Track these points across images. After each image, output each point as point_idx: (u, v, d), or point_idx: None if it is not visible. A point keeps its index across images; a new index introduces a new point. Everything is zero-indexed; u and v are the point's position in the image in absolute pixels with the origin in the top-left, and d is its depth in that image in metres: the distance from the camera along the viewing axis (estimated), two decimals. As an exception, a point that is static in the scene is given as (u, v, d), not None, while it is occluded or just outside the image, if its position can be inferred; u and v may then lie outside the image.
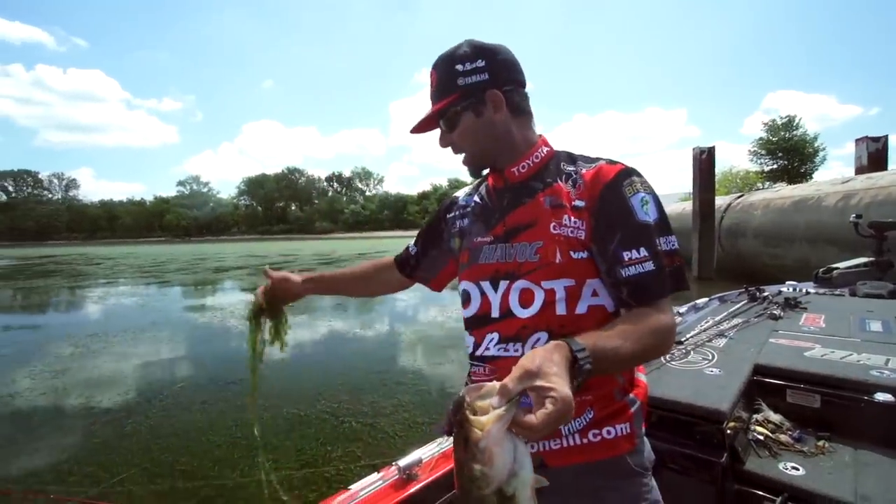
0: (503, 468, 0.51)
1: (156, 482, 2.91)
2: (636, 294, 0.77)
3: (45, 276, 20.42)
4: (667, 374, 1.49)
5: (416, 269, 1.15)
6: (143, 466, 3.11)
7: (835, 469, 1.20)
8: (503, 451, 0.51)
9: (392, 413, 3.86)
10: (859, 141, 11.35)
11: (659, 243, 0.79)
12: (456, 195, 1.08)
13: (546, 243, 0.83)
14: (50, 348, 6.65)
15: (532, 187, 0.89)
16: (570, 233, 0.82)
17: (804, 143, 29.95)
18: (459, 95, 0.86)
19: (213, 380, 4.96)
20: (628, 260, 0.77)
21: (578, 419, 0.83)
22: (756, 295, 2.51)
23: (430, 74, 0.91)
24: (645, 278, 0.77)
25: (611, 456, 0.83)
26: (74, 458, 3.31)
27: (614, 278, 0.79)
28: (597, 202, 0.82)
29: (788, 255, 8.82)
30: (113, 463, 3.19)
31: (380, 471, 1.37)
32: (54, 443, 3.60)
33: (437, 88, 0.89)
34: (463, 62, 0.86)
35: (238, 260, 26.60)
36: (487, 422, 0.51)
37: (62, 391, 4.75)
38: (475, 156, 0.92)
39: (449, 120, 0.89)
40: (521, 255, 0.86)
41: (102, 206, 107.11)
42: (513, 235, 0.88)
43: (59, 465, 3.19)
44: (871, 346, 1.62)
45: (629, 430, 0.84)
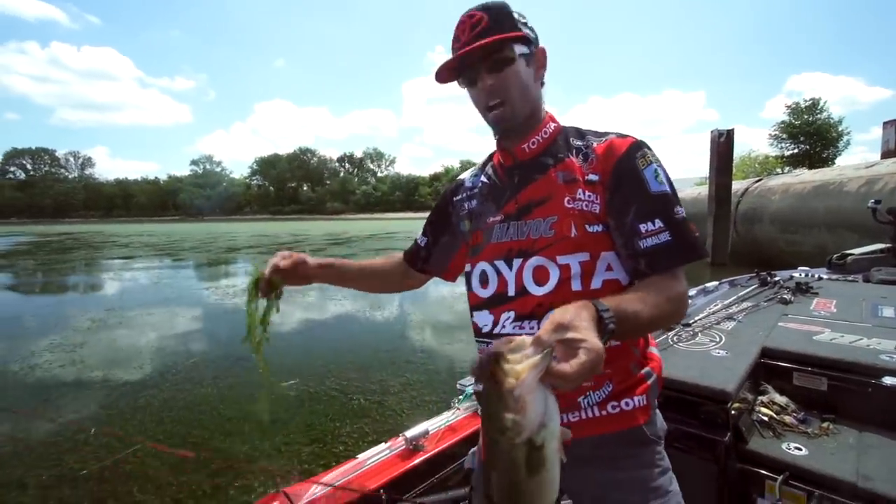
0: (535, 418, 0.51)
1: (168, 453, 2.99)
2: (654, 264, 0.77)
3: (63, 252, 20.89)
4: (674, 354, 1.51)
5: (428, 260, 1.11)
6: (156, 437, 3.20)
7: (838, 450, 1.21)
8: (535, 400, 0.51)
9: (400, 391, 3.90)
10: (887, 124, 10.95)
11: (674, 213, 0.79)
12: (461, 177, 1.06)
13: (561, 218, 0.83)
14: (69, 322, 6.84)
15: (543, 163, 0.88)
16: (585, 206, 0.82)
17: (828, 126, 29.01)
18: (522, 36, 0.83)
19: (224, 355, 5.05)
20: (645, 232, 0.78)
21: (598, 392, 0.84)
22: (767, 280, 2.49)
23: (472, 16, 0.83)
24: (662, 249, 0.77)
25: (628, 427, 0.85)
26: (90, 428, 3.42)
27: (632, 250, 0.79)
28: (611, 176, 0.82)
29: (806, 241, 8.62)
30: (127, 434, 3.28)
31: (387, 441, 1.40)
32: (71, 413, 3.72)
33: (494, 25, 0.81)
34: (517, 14, 0.85)
35: (250, 239, 26.88)
36: (523, 370, 0.51)
37: (80, 363, 4.89)
38: (515, 107, 0.85)
39: (500, 61, 0.82)
40: (534, 231, 0.85)
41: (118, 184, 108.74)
42: (526, 213, 0.87)
43: (76, 435, 3.29)
44: (883, 331, 1.62)
45: (645, 402, 0.86)
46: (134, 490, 2.58)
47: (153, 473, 2.72)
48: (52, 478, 2.73)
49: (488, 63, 0.82)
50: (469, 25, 0.82)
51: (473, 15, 0.83)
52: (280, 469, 2.80)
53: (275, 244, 22.56)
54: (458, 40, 0.84)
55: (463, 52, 0.81)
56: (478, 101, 0.88)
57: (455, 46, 0.85)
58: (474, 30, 0.82)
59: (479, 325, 0.94)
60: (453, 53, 0.85)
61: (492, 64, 0.82)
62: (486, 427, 0.55)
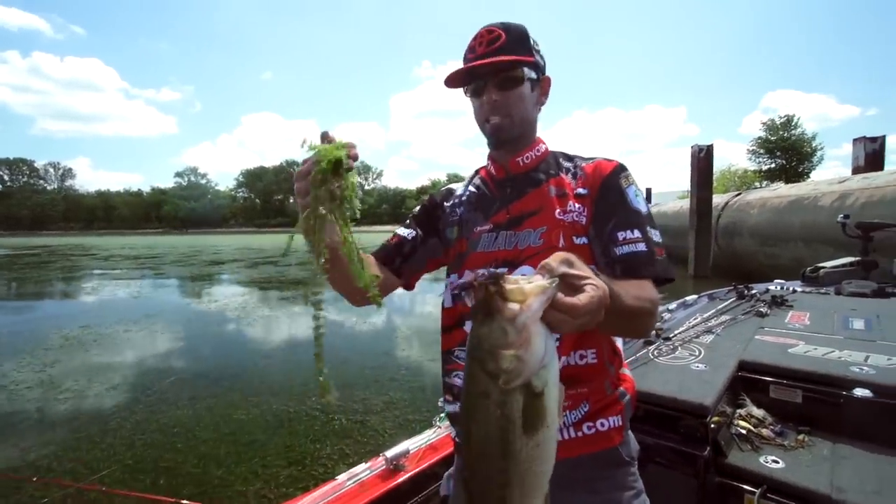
0: (538, 354, 0.42)
1: (138, 478, 2.87)
2: (629, 270, 0.80)
3: (39, 266, 20.29)
4: (654, 369, 1.53)
5: (410, 258, 1.00)
6: (125, 463, 3.07)
7: (813, 462, 1.23)
8: (539, 333, 0.43)
9: (383, 410, 3.83)
10: (857, 141, 11.33)
11: (650, 232, 0.84)
12: (451, 186, 1.08)
13: (550, 228, 0.87)
14: (40, 340, 6.59)
15: (536, 178, 0.93)
16: (575, 217, 0.87)
17: (802, 142, 29.99)
18: (533, 62, 0.89)
19: (202, 374, 4.92)
20: (623, 239, 0.82)
21: (574, 411, 0.85)
22: (744, 293, 2.54)
23: (491, 31, 0.87)
24: (638, 256, 0.81)
25: (604, 448, 0.87)
26: (55, 453, 3.27)
27: (609, 257, 0.83)
28: (598, 190, 0.88)
29: (784, 254, 8.81)
30: (94, 459, 3.15)
31: (367, 461, 1.39)
32: (35, 437, 3.56)
33: (510, 45, 0.86)
34: (532, 40, 0.90)
35: (234, 252, 26.49)
36: (530, 292, 0.42)
37: (49, 384, 4.70)
38: (515, 124, 0.90)
39: (508, 80, 0.87)
40: (523, 241, 0.88)
41: (99, 196, 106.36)
42: (517, 223, 0.90)
43: (38, 461, 3.15)
44: (853, 343, 1.66)
45: (620, 423, 0.89)
46: (99, 520, 2.46)
47: (119, 502, 2.60)
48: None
49: (497, 79, 0.86)
50: (487, 40, 0.86)
51: (493, 31, 0.87)
52: (256, 494, 2.71)
53: (260, 257, 22.27)
54: (472, 51, 0.88)
55: (476, 64, 0.85)
56: (479, 112, 0.91)
57: (469, 57, 0.88)
58: (491, 45, 0.86)
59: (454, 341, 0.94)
60: (465, 62, 0.89)
61: (501, 81, 0.86)
62: (473, 376, 0.44)
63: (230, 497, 2.65)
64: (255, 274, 15.43)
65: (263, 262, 19.54)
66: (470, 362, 0.45)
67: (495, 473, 0.44)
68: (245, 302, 9.55)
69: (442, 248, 1.02)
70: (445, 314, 0.99)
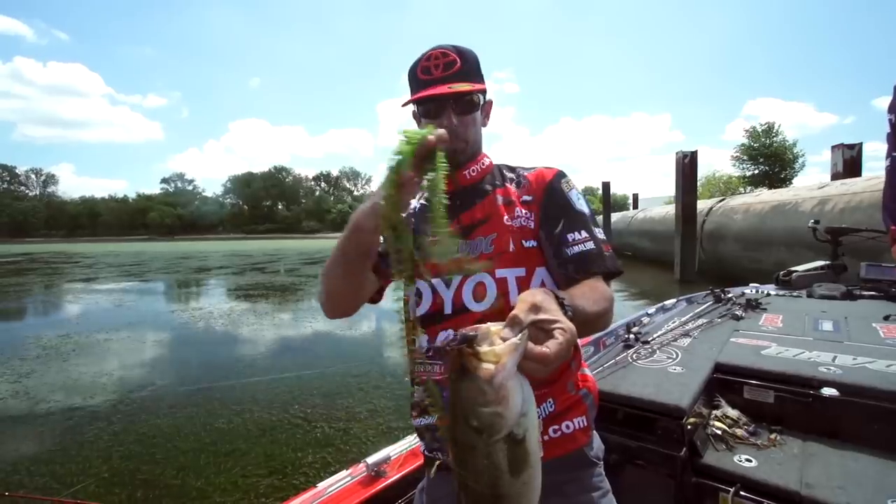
0: (516, 408, 0.45)
1: (113, 492, 2.79)
2: (582, 269, 0.84)
3: (19, 273, 19.83)
4: (633, 372, 1.55)
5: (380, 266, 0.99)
6: (100, 476, 2.99)
7: (784, 460, 1.27)
8: (515, 387, 0.46)
9: (367, 418, 3.79)
10: (835, 148, 11.60)
11: (595, 231, 0.89)
12: None
13: (500, 234, 0.90)
14: (16, 350, 6.41)
15: (482, 189, 0.96)
16: (523, 222, 0.91)
17: (784, 148, 30.62)
18: (485, 89, 0.93)
19: (183, 383, 4.83)
20: (572, 241, 0.86)
21: (539, 409, 0.85)
22: (721, 296, 2.58)
23: (446, 55, 0.89)
24: (588, 255, 0.85)
25: (572, 450, 0.89)
26: (27, 467, 3.17)
27: (561, 258, 0.87)
28: (543, 196, 0.93)
29: (767, 258, 8.95)
30: (69, 472, 3.05)
31: (348, 468, 1.39)
32: (6, 450, 3.45)
33: (466, 71, 0.89)
34: (479, 66, 0.94)
35: (222, 259, 26.17)
36: (503, 353, 0.45)
37: (23, 395, 4.57)
38: (469, 147, 0.94)
39: (466, 104, 0.90)
40: (475, 249, 0.91)
41: (83, 202, 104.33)
42: (468, 232, 0.92)
43: (9, 477, 3.05)
44: (822, 344, 1.70)
45: (585, 424, 0.91)
46: (71, 535, 2.38)
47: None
48: (-22, 525, 2.51)
49: (458, 107, 0.89)
50: (443, 63, 0.88)
51: (448, 54, 0.89)
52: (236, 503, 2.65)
53: (248, 264, 22.02)
54: (428, 73, 0.89)
55: (445, 93, 0.86)
56: None
57: (424, 78, 0.89)
58: (449, 69, 0.88)
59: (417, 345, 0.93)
60: (419, 84, 0.90)
61: (461, 108, 0.89)
62: (457, 434, 0.47)
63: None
64: (242, 281, 15.25)
65: (251, 269, 19.32)
66: (453, 419, 0.48)
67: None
68: (230, 309, 9.43)
69: None
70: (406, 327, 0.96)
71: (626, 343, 1.85)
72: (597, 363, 1.65)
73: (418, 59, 0.91)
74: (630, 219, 20.82)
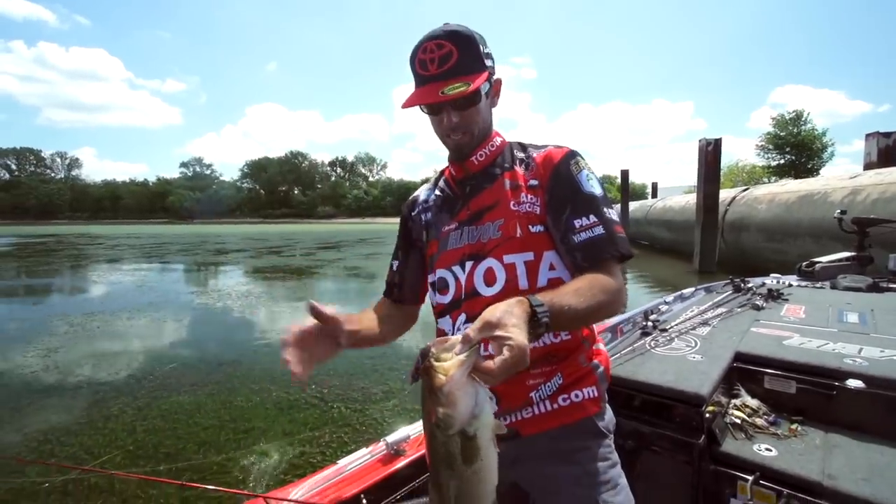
0: (465, 411, 0.55)
1: (138, 464, 2.88)
2: (589, 256, 0.83)
3: (46, 254, 20.47)
4: (651, 359, 1.55)
5: (402, 285, 1.09)
6: (126, 448, 3.08)
7: (805, 450, 1.26)
8: (465, 394, 0.55)
9: (382, 399, 3.83)
10: (870, 136, 11.14)
11: (606, 213, 0.87)
12: (416, 195, 1.11)
13: (507, 220, 0.90)
14: (45, 326, 6.64)
15: (492, 173, 0.96)
16: (528, 208, 0.90)
17: (813, 137, 29.57)
18: (488, 75, 0.88)
19: (204, 361, 4.94)
20: (579, 227, 0.85)
21: (548, 384, 0.89)
22: (741, 286, 2.56)
23: (441, 46, 0.84)
24: (596, 241, 0.84)
25: (581, 418, 0.90)
26: (57, 438, 3.28)
27: (568, 245, 0.86)
28: (549, 180, 0.91)
29: (792, 250, 8.69)
30: (96, 444, 3.16)
31: (368, 446, 1.41)
32: (38, 422, 3.58)
33: (463, 63, 0.85)
34: (481, 43, 0.88)
35: (239, 242, 26.60)
36: (451, 367, 0.55)
37: (53, 369, 4.74)
38: (475, 137, 0.93)
39: (469, 100, 0.87)
40: (484, 234, 0.91)
41: (105, 185, 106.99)
42: (477, 218, 0.94)
43: (41, 446, 3.17)
44: (847, 336, 1.69)
45: (596, 394, 0.92)
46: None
47: (120, 487, 2.61)
48: (10, 492, 2.61)
49: (457, 103, 0.87)
50: (439, 56, 0.84)
51: (442, 45, 0.84)
52: (256, 479, 2.71)
53: (265, 247, 22.34)
54: (425, 68, 0.86)
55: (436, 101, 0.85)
56: (438, 128, 0.93)
57: (422, 74, 0.86)
58: (444, 64, 0.84)
59: (443, 331, 0.97)
60: (417, 79, 0.88)
61: (460, 103, 0.87)
62: (424, 420, 0.59)
63: (228, 483, 2.65)
64: (259, 263, 15.48)
65: (267, 252, 19.60)
66: (423, 412, 0.59)
67: (449, 486, 0.59)
68: (248, 291, 9.58)
69: (424, 256, 1.06)
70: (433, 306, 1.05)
71: (643, 330, 1.84)
72: (614, 350, 1.64)
73: (416, 47, 0.87)
74: (649, 208, 20.42)
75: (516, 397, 0.89)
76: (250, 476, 2.74)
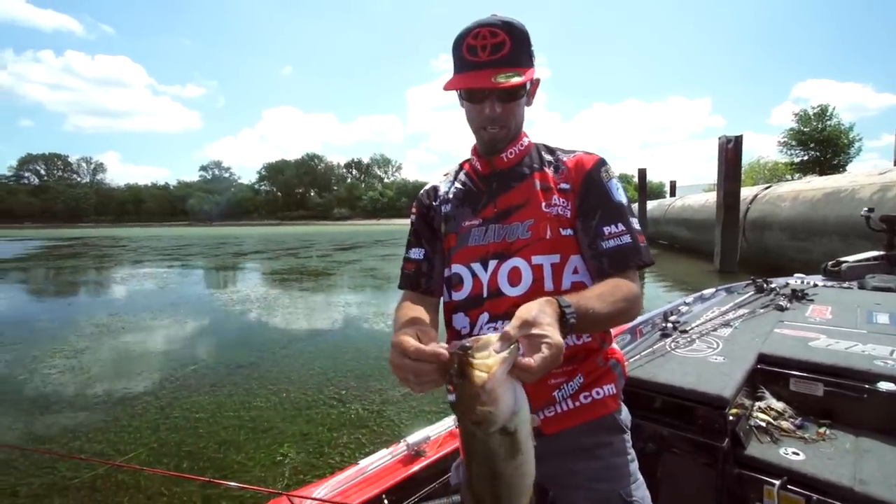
0: (507, 408, 0.55)
1: (162, 461, 2.94)
2: (616, 263, 0.85)
3: (73, 256, 21.12)
4: (671, 361, 1.52)
5: (432, 275, 1.00)
6: (150, 446, 3.16)
7: (835, 455, 1.23)
8: (506, 391, 0.55)
9: (400, 401, 3.83)
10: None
11: (631, 222, 0.89)
12: (435, 185, 1.08)
13: (538, 221, 0.90)
14: (72, 327, 6.85)
15: (520, 172, 0.96)
16: (560, 211, 0.91)
17: (838, 133, 28.66)
18: (534, 73, 0.88)
19: (223, 362, 5.02)
20: (608, 234, 0.87)
21: (570, 384, 0.91)
22: (763, 286, 2.51)
23: (495, 34, 0.83)
24: (623, 249, 0.86)
25: (602, 414, 0.92)
26: (85, 434, 3.38)
27: (596, 250, 0.87)
28: (581, 185, 0.92)
29: (817, 249, 8.44)
30: (122, 441, 3.24)
31: (388, 447, 1.42)
32: (66, 419, 3.68)
33: (515, 55, 0.84)
34: (531, 42, 0.88)
35: (257, 244, 27.03)
36: (493, 364, 0.55)
37: (79, 369, 4.88)
38: (511, 133, 0.93)
39: (513, 92, 0.87)
40: (511, 234, 0.91)
41: (129, 189, 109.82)
42: (505, 216, 0.93)
43: (70, 442, 3.26)
44: (878, 337, 1.63)
45: (615, 391, 0.95)
46: (125, 501, 2.53)
47: (146, 484, 2.67)
48: (43, 485, 2.70)
49: (503, 94, 0.86)
50: (491, 44, 0.83)
51: (497, 33, 0.83)
52: (275, 478, 2.74)
53: (282, 249, 22.65)
54: (475, 53, 0.84)
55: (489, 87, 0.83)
56: (476, 119, 0.91)
57: (470, 60, 0.84)
58: (496, 52, 0.83)
59: (456, 329, 0.97)
60: (464, 64, 0.85)
61: (506, 95, 0.86)
62: (462, 422, 0.59)
63: (249, 482, 2.69)
64: (277, 265, 15.70)
65: (285, 254, 19.86)
66: (459, 412, 0.58)
67: (487, 489, 0.59)
68: (266, 293, 9.73)
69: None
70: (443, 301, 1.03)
71: (663, 332, 1.81)
72: (633, 351, 1.62)
73: (465, 31, 0.85)
74: (667, 207, 20.08)
75: (540, 397, 0.89)
76: (270, 475, 2.78)
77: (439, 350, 0.61)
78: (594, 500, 0.89)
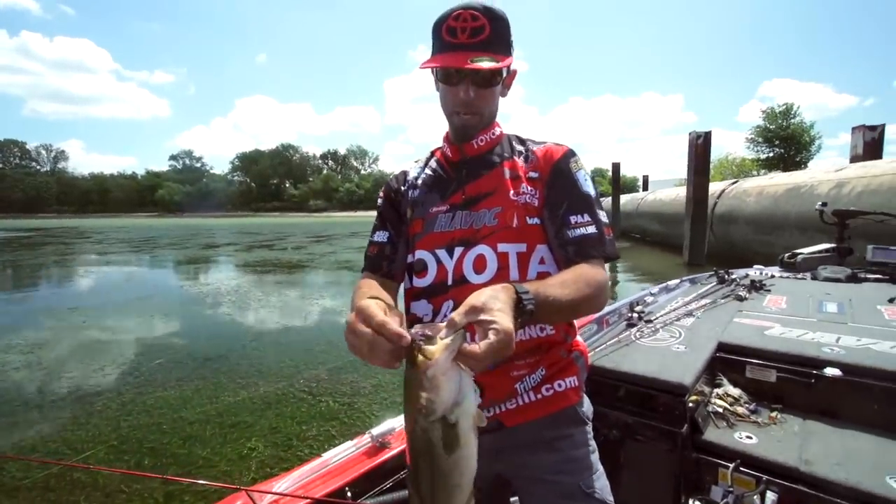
0: (448, 396, 0.54)
1: (122, 458, 2.85)
2: (581, 252, 0.85)
3: (32, 248, 20.13)
4: (636, 350, 1.56)
5: (395, 259, 0.99)
6: (109, 444, 3.05)
7: (784, 437, 1.29)
8: (449, 380, 0.54)
9: (371, 393, 3.82)
10: (856, 129, 11.25)
11: (598, 214, 0.89)
12: (404, 170, 1.07)
13: (505, 209, 0.90)
14: (29, 322, 6.55)
15: (490, 160, 0.95)
16: (527, 199, 0.91)
17: (801, 131, 29.79)
18: (511, 62, 0.87)
19: (191, 356, 4.89)
20: (575, 223, 0.87)
21: (532, 376, 0.91)
22: (724, 277, 2.60)
23: (476, 18, 0.84)
24: (589, 239, 0.86)
25: (563, 407, 0.92)
26: (39, 433, 3.25)
27: (562, 239, 0.87)
28: (549, 175, 0.92)
29: (779, 242, 8.79)
30: (79, 440, 3.12)
31: (353, 439, 1.41)
32: (19, 418, 3.53)
33: (494, 40, 0.85)
34: (510, 31, 0.88)
35: (230, 236, 26.35)
36: (436, 351, 0.54)
37: (35, 365, 4.67)
38: (483, 120, 0.93)
39: (489, 78, 0.87)
40: (478, 221, 0.90)
41: (93, 179, 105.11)
42: (473, 203, 0.92)
43: (22, 443, 3.13)
44: (826, 325, 1.73)
45: (577, 383, 0.95)
46: (80, 500, 2.44)
47: (104, 482, 2.58)
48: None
49: (478, 78, 0.86)
50: (471, 27, 0.83)
51: (478, 17, 0.83)
52: (241, 472, 2.69)
53: (255, 241, 22.15)
54: (454, 35, 0.84)
55: (465, 68, 0.83)
56: (449, 102, 0.91)
57: (449, 41, 0.85)
58: (476, 36, 0.83)
59: (418, 316, 0.95)
60: (443, 45, 0.85)
61: (481, 80, 0.86)
62: (406, 406, 0.57)
63: (213, 477, 2.63)
64: (250, 258, 15.35)
65: (258, 246, 19.43)
66: (405, 398, 0.57)
67: (426, 481, 0.58)
68: (238, 285, 9.51)
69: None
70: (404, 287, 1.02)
71: (629, 322, 1.86)
72: (599, 341, 1.65)
73: (446, 13, 0.86)
74: (639, 201, 20.53)
75: (501, 389, 0.89)
76: (236, 470, 2.73)
77: (403, 332, 0.56)
78: (555, 492, 0.89)
